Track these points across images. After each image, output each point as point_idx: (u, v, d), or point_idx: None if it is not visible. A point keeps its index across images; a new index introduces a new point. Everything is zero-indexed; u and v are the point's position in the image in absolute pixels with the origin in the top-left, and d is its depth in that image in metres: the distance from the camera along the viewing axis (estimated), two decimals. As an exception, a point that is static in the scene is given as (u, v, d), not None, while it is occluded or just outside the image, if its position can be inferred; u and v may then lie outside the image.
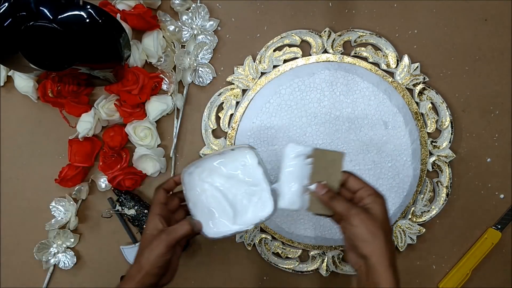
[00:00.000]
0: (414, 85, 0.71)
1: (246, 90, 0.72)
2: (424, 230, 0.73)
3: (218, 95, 0.72)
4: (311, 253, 0.74)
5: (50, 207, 0.73)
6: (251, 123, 0.71)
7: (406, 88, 0.71)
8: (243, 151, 0.59)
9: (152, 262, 0.54)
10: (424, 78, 0.71)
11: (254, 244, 0.74)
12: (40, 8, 0.56)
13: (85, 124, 0.69)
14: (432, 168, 0.73)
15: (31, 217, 0.75)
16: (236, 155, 0.59)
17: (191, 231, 0.56)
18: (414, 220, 0.73)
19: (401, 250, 0.74)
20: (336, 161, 0.56)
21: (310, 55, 0.71)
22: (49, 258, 0.74)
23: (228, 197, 0.59)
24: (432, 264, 0.76)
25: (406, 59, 0.71)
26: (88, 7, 0.57)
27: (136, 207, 0.71)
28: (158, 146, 0.72)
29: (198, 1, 0.71)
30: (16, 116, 0.74)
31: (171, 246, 0.55)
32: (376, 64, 0.71)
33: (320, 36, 0.71)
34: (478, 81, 0.73)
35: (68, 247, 0.74)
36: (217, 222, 0.59)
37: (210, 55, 0.71)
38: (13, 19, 0.56)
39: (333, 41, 0.71)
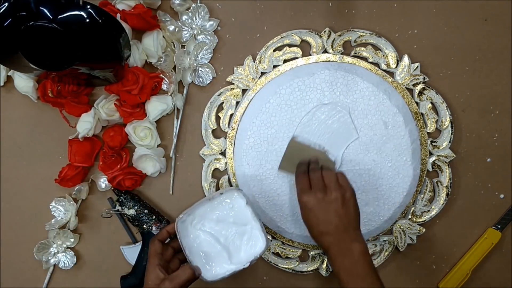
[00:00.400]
0: (414, 85, 0.71)
1: (246, 90, 0.72)
2: (424, 230, 0.73)
3: (218, 95, 0.72)
4: (311, 253, 0.74)
5: (50, 207, 0.73)
6: (251, 123, 0.71)
7: (406, 88, 0.71)
8: (231, 193, 0.64)
9: None
10: (424, 78, 0.71)
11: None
12: (40, 8, 0.56)
13: (85, 124, 0.69)
14: (432, 168, 0.73)
15: (31, 217, 0.75)
16: (225, 199, 0.64)
17: (193, 276, 0.59)
18: (414, 220, 0.73)
19: (401, 250, 0.74)
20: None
21: (310, 55, 0.71)
22: (49, 258, 0.74)
23: (220, 240, 0.63)
24: (432, 264, 0.76)
25: (406, 59, 0.71)
26: (88, 7, 0.57)
27: (136, 207, 0.71)
28: (158, 146, 0.72)
29: (198, 1, 0.71)
30: (16, 116, 0.74)
31: None
32: (376, 64, 0.71)
33: (320, 36, 0.71)
34: (478, 81, 0.73)
35: (68, 247, 0.74)
36: (214, 265, 0.62)
37: (210, 55, 0.71)
38: (13, 19, 0.56)
39: (333, 41, 0.71)
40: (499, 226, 0.74)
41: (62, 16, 0.56)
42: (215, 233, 0.63)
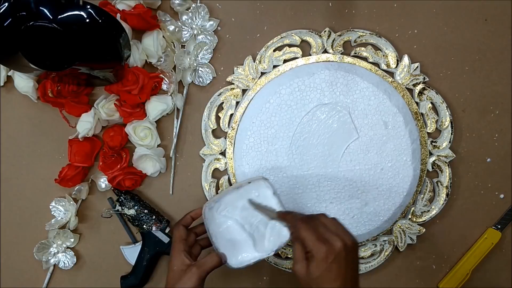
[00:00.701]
0: (414, 85, 0.71)
1: (246, 90, 0.72)
2: (424, 230, 0.73)
3: (218, 95, 0.72)
4: (311, 253, 0.74)
5: (50, 207, 0.73)
6: (251, 123, 0.71)
7: (406, 88, 0.71)
8: (258, 183, 0.64)
9: None
10: (424, 78, 0.71)
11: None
12: (40, 8, 0.56)
13: (85, 124, 0.69)
14: (432, 168, 0.73)
15: (31, 217, 0.75)
16: (252, 187, 0.64)
17: (220, 263, 0.59)
18: (414, 220, 0.73)
19: (401, 250, 0.74)
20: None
21: (310, 55, 0.71)
22: (49, 258, 0.74)
23: (246, 227, 0.63)
24: (432, 264, 0.76)
25: (406, 59, 0.71)
26: (88, 7, 0.57)
27: (136, 207, 0.71)
28: (158, 146, 0.72)
29: (198, 1, 0.71)
30: (16, 116, 0.74)
31: (202, 278, 0.58)
32: (376, 64, 0.71)
33: (320, 36, 0.71)
34: (478, 81, 0.73)
35: (68, 247, 0.74)
36: (239, 253, 0.62)
37: (210, 55, 0.71)
38: (13, 19, 0.56)
39: (333, 41, 0.71)
40: (499, 226, 0.74)
41: (62, 16, 0.56)
42: (240, 220, 0.63)
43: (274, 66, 0.71)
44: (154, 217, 0.71)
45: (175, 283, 0.58)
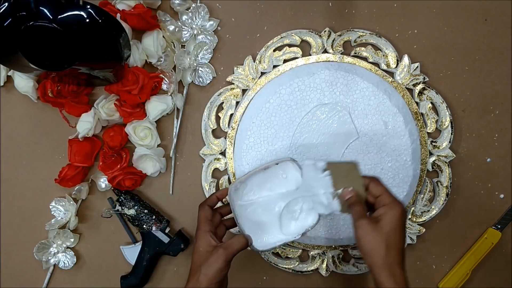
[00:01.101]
0: (414, 85, 0.71)
1: (246, 90, 0.72)
2: (424, 230, 0.73)
3: (218, 95, 0.72)
4: (311, 253, 0.74)
5: (50, 207, 0.73)
6: (251, 123, 0.71)
7: (406, 88, 0.71)
8: (286, 164, 0.62)
9: (211, 278, 0.56)
10: (424, 78, 0.71)
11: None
12: (40, 8, 0.56)
13: (85, 124, 0.69)
14: (432, 168, 0.73)
15: (31, 217, 0.75)
16: (279, 169, 0.62)
17: (246, 245, 0.58)
18: (414, 220, 0.73)
19: (401, 250, 0.74)
20: (351, 169, 0.59)
21: (310, 55, 0.71)
22: (49, 258, 0.74)
23: (272, 210, 0.62)
24: (432, 264, 0.76)
25: (406, 59, 0.71)
26: (88, 7, 0.57)
27: (136, 207, 0.71)
28: (158, 146, 0.72)
29: (198, 1, 0.71)
30: (16, 116, 0.74)
31: (229, 260, 0.57)
32: (376, 64, 0.71)
33: (320, 36, 0.71)
34: (478, 81, 0.73)
35: (68, 247, 0.74)
36: (265, 235, 0.61)
37: (210, 55, 0.71)
38: (13, 19, 0.56)
39: (333, 41, 0.71)
40: (499, 226, 0.74)
41: (62, 16, 0.56)
42: (267, 202, 0.62)
43: (274, 66, 0.71)
44: (154, 217, 0.71)
45: (201, 264, 0.57)
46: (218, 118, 0.73)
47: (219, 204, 0.65)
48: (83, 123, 0.69)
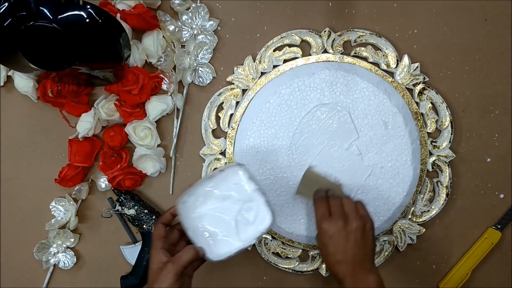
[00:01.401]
0: (414, 85, 0.71)
1: (246, 90, 0.72)
2: (424, 230, 0.73)
3: (218, 95, 0.72)
4: (311, 253, 0.74)
5: (50, 207, 0.73)
6: (251, 123, 0.71)
7: (406, 88, 0.71)
8: (233, 170, 0.61)
9: None
10: (424, 78, 0.71)
11: (254, 244, 0.74)
12: (40, 8, 0.56)
13: (85, 124, 0.69)
14: (432, 168, 0.73)
15: (31, 217, 0.75)
16: (226, 175, 0.61)
17: (196, 256, 0.57)
18: (414, 220, 0.73)
19: (401, 250, 0.74)
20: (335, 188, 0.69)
21: (310, 55, 0.71)
22: (49, 258, 0.74)
23: (226, 218, 0.60)
24: (432, 264, 0.76)
25: (406, 59, 0.71)
26: (88, 7, 0.57)
27: (136, 207, 0.71)
28: (158, 146, 0.72)
29: (198, 1, 0.71)
30: (16, 116, 0.74)
31: (179, 274, 0.55)
32: (376, 64, 0.71)
33: (320, 36, 0.71)
34: (478, 81, 0.73)
35: (68, 247, 0.74)
36: (219, 245, 0.60)
37: (210, 55, 0.71)
38: (13, 19, 0.56)
39: (333, 41, 0.71)
40: (499, 226, 0.74)
41: (62, 16, 0.56)
42: (219, 211, 0.60)
43: (274, 66, 0.72)
44: (154, 217, 0.71)
45: (153, 282, 0.56)
46: (218, 118, 0.73)
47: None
48: (83, 123, 0.69)
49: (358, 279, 0.59)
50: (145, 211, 0.71)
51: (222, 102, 0.72)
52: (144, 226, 0.71)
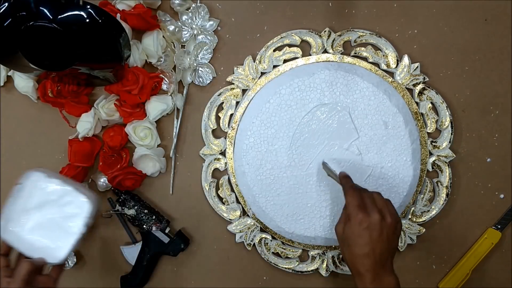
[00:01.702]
0: (414, 85, 0.71)
1: (246, 90, 0.72)
2: (424, 230, 0.73)
3: (218, 95, 0.72)
4: (311, 253, 0.74)
5: (50, 207, 0.73)
6: (251, 123, 0.71)
7: (406, 88, 0.71)
8: (28, 178, 0.62)
9: None
10: (424, 78, 0.71)
11: (254, 244, 0.74)
12: (40, 8, 0.56)
13: (85, 124, 0.69)
14: (432, 168, 0.73)
15: (31, 217, 0.75)
16: (27, 185, 0.62)
17: (33, 266, 0.58)
18: (414, 220, 0.73)
19: (401, 250, 0.74)
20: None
21: (310, 55, 0.71)
22: (49, 258, 0.74)
23: (52, 221, 0.61)
24: (432, 264, 0.76)
25: (406, 59, 0.71)
26: (88, 7, 0.57)
27: (136, 207, 0.71)
28: (158, 146, 0.72)
29: (198, 1, 0.71)
30: (16, 116, 0.74)
31: None
32: (376, 64, 0.71)
33: (320, 36, 0.71)
34: (478, 81, 0.73)
35: (68, 247, 0.74)
36: (56, 247, 0.61)
37: (210, 55, 0.71)
38: (13, 19, 0.56)
39: (333, 41, 0.71)
40: (499, 226, 0.74)
41: (62, 16, 0.56)
42: (44, 218, 0.61)
43: (274, 66, 0.72)
44: (154, 217, 0.71)
45: None
46: (218, 118, 0.73)
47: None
48: (83, 123, 0.69)
49: (378, 276, 0.58)
50: (145, 211, 0.71)
51: (222, 102, 0.72)
52: (144, 226, 0.71)
